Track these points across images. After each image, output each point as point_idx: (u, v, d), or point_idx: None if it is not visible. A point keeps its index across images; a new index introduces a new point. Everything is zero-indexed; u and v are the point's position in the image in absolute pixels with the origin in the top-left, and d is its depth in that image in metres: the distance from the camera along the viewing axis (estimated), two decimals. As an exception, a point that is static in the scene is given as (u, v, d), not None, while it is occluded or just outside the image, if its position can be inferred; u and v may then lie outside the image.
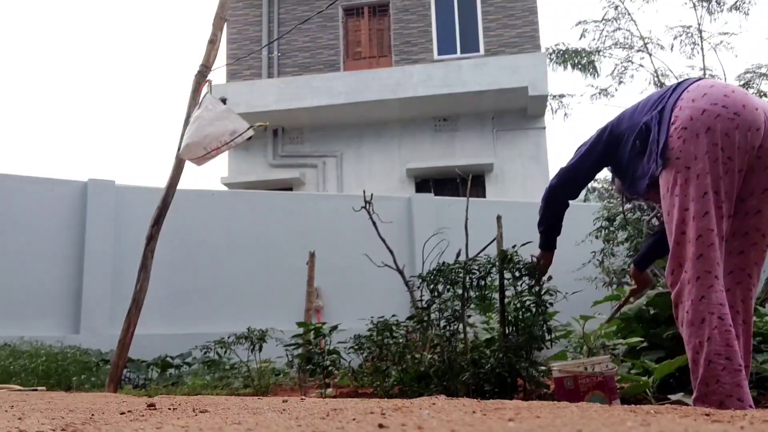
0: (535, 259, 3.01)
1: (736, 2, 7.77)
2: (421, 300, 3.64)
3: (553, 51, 8.19)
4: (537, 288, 3.11)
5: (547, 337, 3.14)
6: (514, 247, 3.20)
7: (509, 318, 3.29)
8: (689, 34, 7.68)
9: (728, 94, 2.12)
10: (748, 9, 7.77)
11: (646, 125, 2.25)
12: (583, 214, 7.08)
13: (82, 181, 6.94)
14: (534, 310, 3.18)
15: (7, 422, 1.67)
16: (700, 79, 2.29)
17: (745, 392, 1.99)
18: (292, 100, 11.31)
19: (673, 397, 2.75)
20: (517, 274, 3.19)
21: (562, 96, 9.03)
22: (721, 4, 7.67)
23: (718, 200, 2.07)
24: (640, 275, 2.93)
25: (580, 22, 8.13)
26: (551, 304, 3.14)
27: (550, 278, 3.06)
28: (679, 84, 2.29)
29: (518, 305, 3.21)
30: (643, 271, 2.92)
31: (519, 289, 3.25)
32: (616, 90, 8.02)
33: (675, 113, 2.15)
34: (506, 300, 3.26)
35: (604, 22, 7.95)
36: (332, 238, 7.23)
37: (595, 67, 8.07)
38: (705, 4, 7.64)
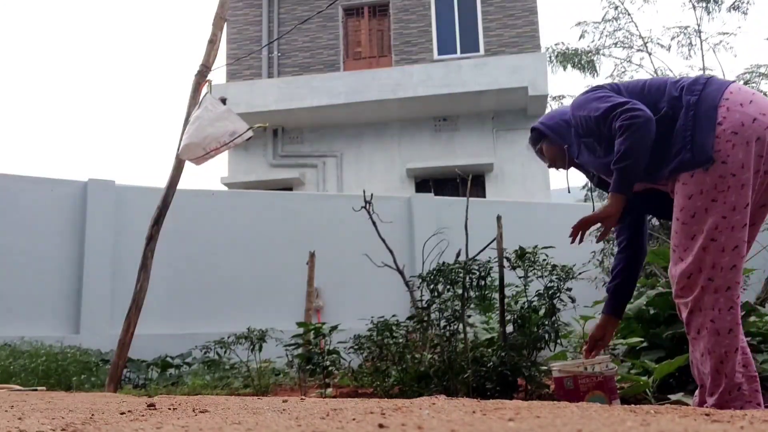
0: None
1: (735, 2, 7.77)
2: (421, 300, 3.64)
3: (553, 51, 8.18)
4: (555, 287, 3.09)
5: (553, 339, 3.15)
6: (535, 247, 3.19)
7: (514, 317, 3.30)
8: (686, 34, 7.68)
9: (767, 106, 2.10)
10: (747, 9, 7.77)
11: (672, 111, 2.14)
12: (583, 214, 7.06)
13: (82, 181, 6.93)
14: (542, 310, 3.19)
15: (7, 422, 1.67)
16: (729, 81, 2.23)
17: (761, 398, 2.07)
18: (292, 100, 11.30)
19: (673, 397, 2.75)
20: (530, 273, 3.21)
21: (562, 97, 9.03)
22: (720, 3, 7.67)
23: (749, 213, 2.07)
24: (611, 325, 2.59)
25: (579, 23, 8.13)
26: (563, 306, 3.14)
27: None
28: (708, 79, 2.20)
29: (525, 305, 3.22)
30: (618, 321, 2.60)
31: (527, 288, 3.26)
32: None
33: (721, 113, 2.08)
34: (508, 298, 3.26)
35: (604, 22, 7.95)
36: (332, 238, 7.23)
37: (594, 67, 8.06)
38: (703, 4, 7.63)
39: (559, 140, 2.47)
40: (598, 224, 2.28)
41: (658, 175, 2.21)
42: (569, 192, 2.73)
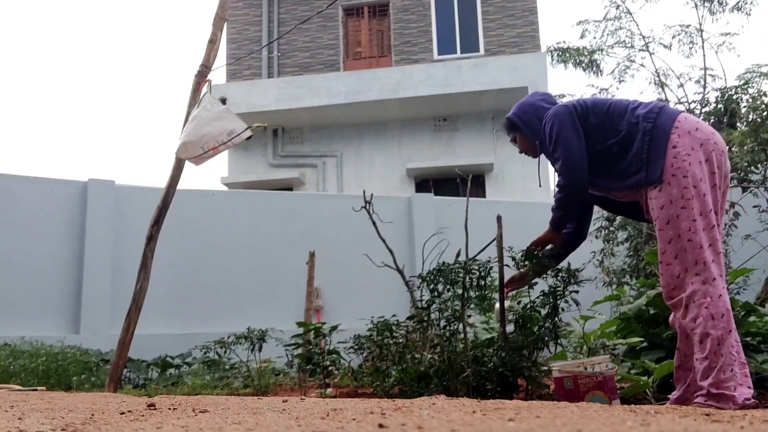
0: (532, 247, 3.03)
1: (738, 2, 7.75)
2: (421, 300, 3.64)
3: (554, 49, 8.15)
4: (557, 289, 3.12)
5: (554, 339, 3.15)
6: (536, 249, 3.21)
7: (516, 317, 3.29)
8: (688, 33, 7.66)
9: (713, 131, 2.52)
10: (750, 9, 7.75)
11: (629, 135, 2.51)
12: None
13: (82, 181, 6.93)
14: (545, 311, 3.18)
15: (7, 422, 1.67)
16: (678, 111, 2.61)
17: (750, 382, 2.28)
18: (292, 100, 11.30)
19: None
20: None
21: (562, 96, 9.01)
22: (723, 4, 7.65)
23: (716, 219, 2.40)
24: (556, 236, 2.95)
25: (580, 22, 8.10)
26: (566, 308, 3.14)
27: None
28: (660, 108, 2.56)
29: (528, 305, 3.22)
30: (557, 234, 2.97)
31: (532, 288, 3.26)
32: (617, 89, 7.99)
33: (674, 139, 2.44)
34: (508, 298, 3.26)
35: (605, 21, 7.92)
36: (332, 238, 7.23)
37: (598, 65, 8.03)
38: (707, 4, 7.62)
39: (532, 136, 2.82)
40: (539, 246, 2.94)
41: (613, 188, 2.61)
42: (540, 186, 3.21)
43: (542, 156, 2.90)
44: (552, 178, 3.15)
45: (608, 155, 2.57)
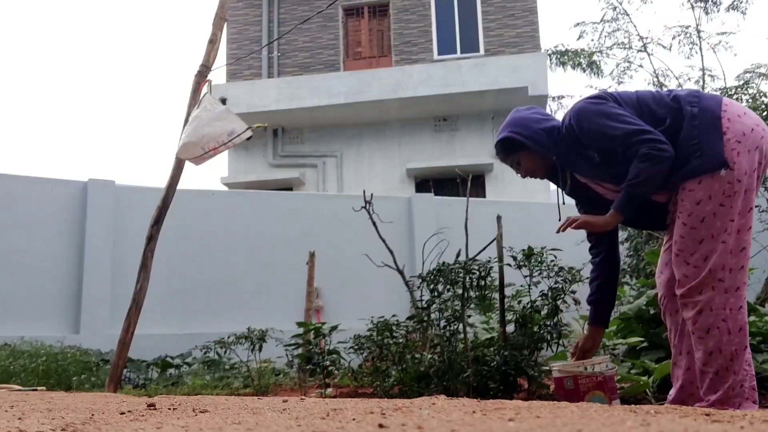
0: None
1: (734, 2, 7.76)
2: (421, 300, 3.64)
3: (553, 52, 8.19)
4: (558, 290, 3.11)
5: (555, 339, 3.15)
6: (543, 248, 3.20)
7: (516, 317, 3.30)
8: (688, 34, 7.68)
9: (759, 119, 2.25)
10: (746, 8, 7.76)
11: (674, 120, 2.20)
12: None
13: (82, 181, 6.93)
14: (545, 311, 3.19)
15: (7, 422, 1.67)
16: (718, 96, 2.33)
17: (756, 396, 2.18)
18: (292, 100, 11.30)
19: (673, 397, 2.75)
20: (535, 274, 3.21)
21: (561, 97, 9.04)
22: (718, 4, 7.67)
23: (751, 217, 2.20)
24: (599, 334, 2.61)
25: (578, 24, 8.13)
26: (566, 308, 3.14)
27: None
28: (699, 93, 2.31)
29: (528, 305, 3.22)
30: (603, 329, 2.63)
31: (532, 288, 3.26)
32: (616, 90, 8.02)
33: (724, 123, 2.17)
34: (508, 298, 3.26)
35: (602, 22, 7.95)
36: (332, 238, 7.23)
37: (598, 66, 8.06)
38: (702, 4, 7.63)
39: (544, 151, 2.45)
40: (589, 225, 2.34)
41: (662, 184, 2.24)
42: (564, 203, 2.68)
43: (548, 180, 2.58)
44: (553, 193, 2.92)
45: None
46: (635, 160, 2.18)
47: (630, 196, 2.21)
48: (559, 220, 2.48)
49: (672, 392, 2.48)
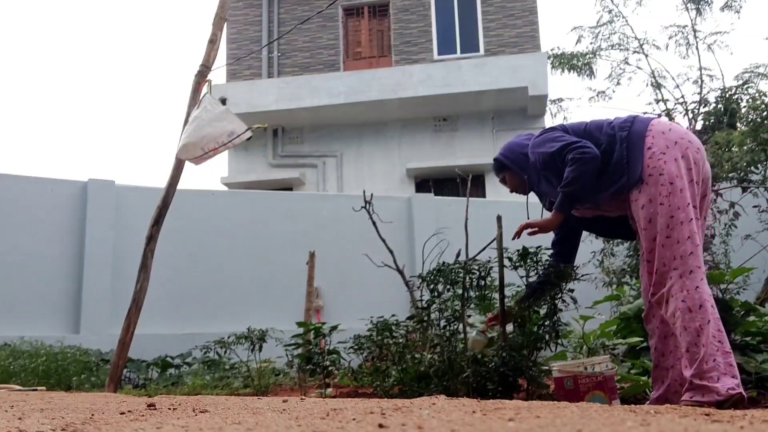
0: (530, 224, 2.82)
1: (727, 1, 7.75)
2: (421, 300, 3.64)
3: (550, 56, 8.23)
4: (556, 290, 3.12)
5: (554, 339, 3.15)
6: (538, 248, 3.21)
7: (515, 317, 3.29)
8: (684, 34, 7.67)
9: (686, 131, 2.64)
10: (740, 7, 7.75)
11: (608, 146, 2.59)
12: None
13: (82, 181, 6.93)
14: (543, 310, 3.19)
15: (7, 422, 1.68)
16: (651, 117, 2.74)
17: (736, 372, 2.30)
18: (292, 100, 11.30)
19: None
20: (532, 273, 3.20)
21: (560, 100, 9.06)
22: (710, 3, 7.66)
23: (695, 213, 2.49)
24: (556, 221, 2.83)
25: (575, 28, 8.15)
26: (564, 307, 3.14)
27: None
28: (634, 118, 2.68)
29: (526, 305, 3.22)
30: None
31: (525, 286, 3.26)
32: (614, 92, 8.05)
33: (648, 141, 2.55)
34: (508, 298, 3.26)
35: (598, 26, 7.96)
36: (332, 238, 7.23)
37: (591, 69, 8.08)
38: (694, 5, 7.63)
39: (520, 172, 2.91)
40: (536, 228, 2.74)
41: (601, 199, 2.64)
42: (528, 218, 3.04)
43: (531, 194, 3.02)
44: (540, 213, 3.11)
45: None
46: (566, 166, 2.59)
47: (565, 197, 2.61)
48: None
49: (655, 393, 2.61)
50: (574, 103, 9.92)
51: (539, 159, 2.75)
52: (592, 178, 2.57)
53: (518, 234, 2.80)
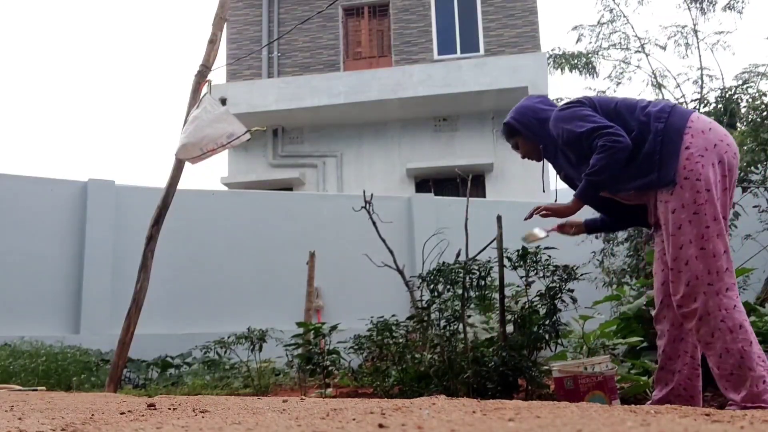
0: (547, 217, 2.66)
1: (730, 2, 7.76)
2: (421, 300, 3.64)
3: (550, 55, 8.23)
4: (555, 288, 3.12)
5: (554, 339, 3.15)
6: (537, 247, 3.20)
7: (515, 317, 3.30)
8: (684, 34, 7.68)
9: (726, 133, 2.43)
10: (742, 8, 7.76)
11: (640, 134, 2.40)
12: (582, 214, 7.06)
13: (82, 181, 6.93)
14: (543, 310, 3.19)
15: (7, 422, 1.68)
16: (690, 110, 2.49)
17: None
18: (292, 100, 11.29)
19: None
20: (531, 273, 3.21)
21: (560, 99, 9.05)
22: (714, 3, 7.67)
23: (726, 223, 2.35)
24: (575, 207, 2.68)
25: (576, 27, 8.14)
26: (564, 307, 3.14)
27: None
28: (672, 108, 2.47)
29: (526, 305, 3.22)
30: (583, 222, 2.90)
31: (530, 288, 3.26)
32: (614, 92, 8.05)
33: (687, 139, 2.34)
34: (508, 298, 3.26)
35: (599, 25, 7.97)
36: (332, 238, 7.23)
37: (594, 68, 8.08)
38: (698, 4, 7.63)
39: (534, 138, 2.71)
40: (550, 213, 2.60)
41: (622, 189, 2.49)
42: (544, 191, 2.98)
43: (545, 161, 2.79)
44: (553, 181, 2.99)
45: None
46: (594, 152, 2.39)
47: (588, 185, 2.43)
48: (556, 200, 2.82)
49: (658, 393, 2.53)
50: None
51: (562, 134, 2.54)
52: (618, 170, 2.39)
53: (531, 215, 2.67)
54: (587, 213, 2.76)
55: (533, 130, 2.70)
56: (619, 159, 2.36)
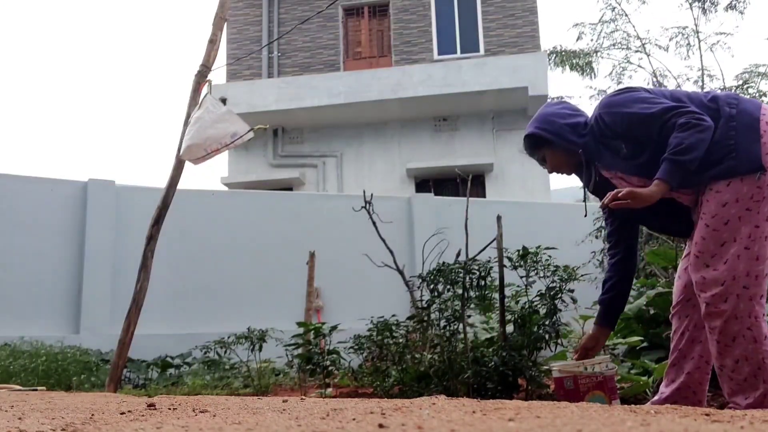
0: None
1: (732, 2, 7.76)
2: (421, 300, 3.64)
3: (552, 52, 8.22)
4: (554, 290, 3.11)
5: (553, 339, 3.15)
6: (538, 247, 3.20)
7: (515, 317, 3.30)
8: (685, 35, 7.68)
9: None
10: (744, 8, 7.76)
11: (711, 118, 2.16)
12: (582, 214, 7.06)
13: (82, 181, 6.93)
14: (543, 310, 3.19)
15: (7, 422, 1.68)
16: (757, 101, 2.30)
17: None
18: (292, 100, 11.30)
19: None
20: (531, 274, 3.21)
21: (560, 98, 9.05)
22: (716, 4, 7.67)
23: None
24: (604, 336, 2.59)
25: (576, 24, 8.14)
26: (564, 307, 3.14)
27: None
28: (738, 96, 2.29)
29: (526, 305, 3.22)
30: (609, 331, 2.61)
31: (530, 288, 3.26)
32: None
33: (762, 127, 2.15)
34: (508, 298, 3.26)
35: (601, 23, 7.96)
36: (332, 238, 7.23)
37: (592, 68, 8.09)
38: (699, 4, 7.64)
39: (569, 146, 2.40)
40: (628, 201, 2.18)
41: (691, 180, 2.21)
42: (586, 216, 2.67)
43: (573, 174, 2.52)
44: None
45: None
46: (674, 131, 2.14)
47: (676, 165, 2.12)
48: (585, 216, 2.56)
49: (665, 390, 2.47)
50: (574, 102, 9.91)
51: (623, 120, 2.27)
52: (704, 151, 2.12)
53: (608, 202, 2.21)
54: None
55: (566, 136, 2.40)
56: (705, 139, 2.11)
